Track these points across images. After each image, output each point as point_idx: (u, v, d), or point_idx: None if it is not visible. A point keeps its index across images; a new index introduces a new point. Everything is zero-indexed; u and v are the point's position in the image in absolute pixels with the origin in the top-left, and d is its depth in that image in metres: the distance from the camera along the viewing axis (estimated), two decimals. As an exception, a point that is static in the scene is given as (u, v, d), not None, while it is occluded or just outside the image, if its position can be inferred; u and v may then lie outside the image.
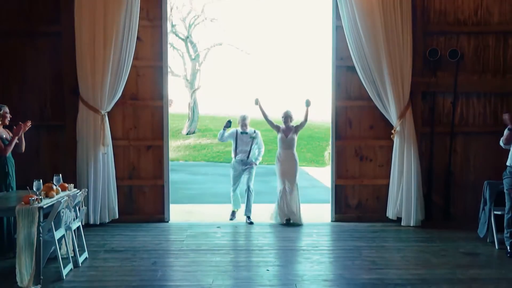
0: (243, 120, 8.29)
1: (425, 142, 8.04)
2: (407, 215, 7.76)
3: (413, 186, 7.70)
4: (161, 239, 7.07)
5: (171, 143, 25.22)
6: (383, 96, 7.75)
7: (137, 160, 8.02)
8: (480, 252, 6.42)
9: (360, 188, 8.13)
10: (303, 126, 8.17)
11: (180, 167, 19.42)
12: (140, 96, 7.97)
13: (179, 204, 10.27)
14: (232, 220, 8.19)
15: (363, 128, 8.10)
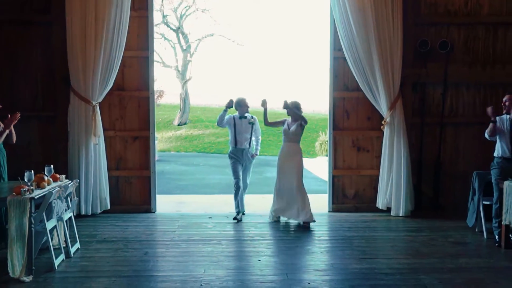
0: (242, 101, 7.53)
1: (415, 132, 8.07)
2: (396, 205, 7.80)
3: (403, 177, 7.73)
4: (153, 229, 7.07)
5: (163, 134, 25.20)
6: (373, 87, 7.76)
7: (124, 151, 7.99)
8: (469, 242, 6.48)
9: (357, 178, 8.16)
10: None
11: (171, 158, 19.39)
12: (127, 87, 7.92)
13: (170, 194, 10.28)
14: (237, 220, 7.43)
15: (360, 119, 8.11)
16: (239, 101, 7.54)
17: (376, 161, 8.08)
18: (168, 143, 23.82)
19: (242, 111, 7.59)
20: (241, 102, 7.54)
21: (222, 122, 7.57)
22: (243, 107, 7.56)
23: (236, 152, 7.56)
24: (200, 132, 25.61)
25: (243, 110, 7.58)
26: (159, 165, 15.52)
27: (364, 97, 7.89)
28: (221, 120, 7.56)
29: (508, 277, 5.16)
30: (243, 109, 7.57)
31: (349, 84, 8.07)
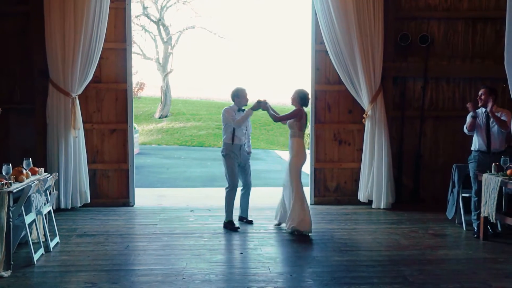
0: (242, 92, 6.76)
1: (395, 126, 8.13)
2: (377, 198, 7.86)
3: (384, 169, 7.79)
4: (134, 223, 7.03)
5: (144, 127, 25.03)
6: (355, 80, 7.78)
7: (101, 144, 7.91)
8: (448, 233, 6.57)
9: (338, 171, 8.19)
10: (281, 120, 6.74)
11: (152, 151, 19.30)
12: (104, 79, 7.82)
13: (151, 188, 10.23)
14: (238, 229, 6.64)
15: (342, 112, 8.13)
16: (238, 92, 6.76)
17: (358, 154, 8.13)
18: (149, 136, 23.67)
19: (241, 103, 6.77)
20: (240, 93, 6.76)
21: (241, 124, 6.66)
22: (242, 98, 6.76)
23: (233, 149, 6.68)
24: (181, 125, 25.49)
25: (242, 101, 6.77)
26: (140, 158, 15.51)
27: (346, 91, 7.92)
28: (243, 122, 6.66)
29: (486, 268, 5.24)
30: (242, 101, 6.76)
31: (330, 78, 8.08)
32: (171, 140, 22.84)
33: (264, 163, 16.01)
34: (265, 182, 10.78)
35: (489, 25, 8.15)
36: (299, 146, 6.46)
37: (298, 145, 6.46)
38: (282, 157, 18.23)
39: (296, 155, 6.44)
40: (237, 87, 6.79)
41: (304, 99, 6.55)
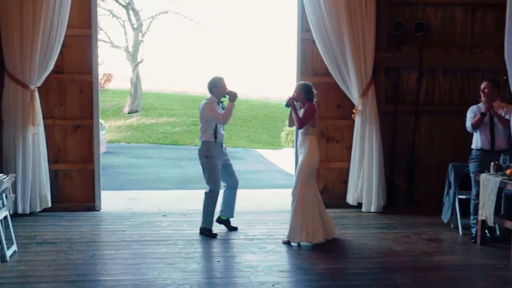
0: (220, 81, 6.66)
1: (388, 121, 8.23)
2: (368, 200, 7.95)
3: (375, 169, 7.88)
4: (100, 229, 7.02)
5: (111, 123, 24.87)
6: (344, 72, 7.85)
7: (64, 141, 7.87)
8: (443, 238, 6.69)
9: (326, 171, 8.25)
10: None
11: (121, 149, 19.17)
12: (66, 69, 7.78)
13: (120, 190, 10.19)
14: (216, 236, 6.65)
15: (330, 107, 8.19)
16: (216, 81, 6.63)
17: (347, 152, 8.21)
18: (118, 133, 23.53)
19: (220, 94, 6.65)
20: (218, 82, 6.62)
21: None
22: (222, 88, 6.62)
23: (216, 148, 6.58)
24: (153, 121, 25.38)
25: (221, 92, 6.64)
26: (107, 158, 15.42)
27: (334, 83, 7.98)
28: (230, 117, 6.59)
29: (483, 275, 5.36)
30: (221, 91, 6.64)
31: (318, 69, 8.14)
32: (141, 138, 22.72)
33: (244, 163, 16.04)
34: (246, 184, 10.79)
35: (490, 12, 8.28)
36: (312, 144, 6.32)
37: (312, 144, 6.32)
38: (264, 156, 18.28)
39: (308, 156, 6.30)
40: (215, 77, 6.71)
41: (311, 93, 6.40)
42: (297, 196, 6.29)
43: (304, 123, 6.29)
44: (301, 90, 6.40)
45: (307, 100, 6.37)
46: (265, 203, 8.77)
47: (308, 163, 6.30)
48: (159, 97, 31.37)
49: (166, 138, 22.64)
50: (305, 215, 6.24)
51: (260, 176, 13.08)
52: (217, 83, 6.66)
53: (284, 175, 13.04)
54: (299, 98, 6.41)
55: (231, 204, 6.94)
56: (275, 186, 11.20)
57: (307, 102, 6.36)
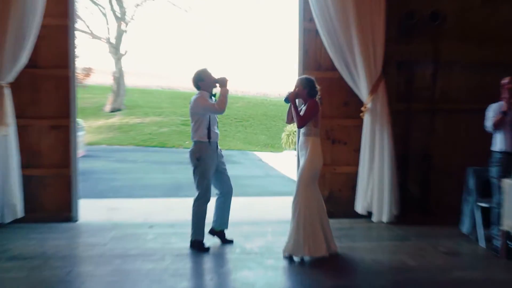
0: (204, 73, 6.66)
1: (400, 121, 8.23)
2: (378, 209, 7.95)
3: (386, 174, 7.88)
4: (78, 242, 7.00)
5: (91, 123, 24.86)
6: (351, 66, 7.85)
7: (38, 144, 7.86)
8: (463, 251, 6.68)
9: (331, 176, 8.26)
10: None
11: (102, 152, 19.18)
12: (41, 63, 7.77)
13: (101, 198, 10.18)
14: (208, 250, 6.63)
15: (336, 105, 8.20)
16: (200, 74, 6.62)
17: (355, 155, 8.20)
18: (98, 134, 23.52)
19: (210, 87, 6.63)
20: (204, 75, 6.62)
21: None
22: (209, 79, 6.61)
23: (211, 150, 6.58)
24: (138, 121, 25.39)
25: (210, 84, 6.62)
26: (86, 162, 15.39)
27: (340, 78, 7.98)
28: (226, 103, 6.53)
29: (508, 293, 5.36)
30: (210, 83, 6.62)
31: (322, 62, 8.14)
32: (125, 140, 22.73)
33: (240, 167, 16.05)
34: (243, 191, 10.79)
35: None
36: (315, 146, 6.30)
37: (314, 146, 6.29)
38: (263, 159, 18.29)
39: (310, 159, 6.26)
40: (197, 71, 6.66)
41: (314, 88, 6.37)
42: (298, 204, 6.24)
43: (305, 122, 6.28)
44: (304, 85, 6.37)
45: (310, 97, 6.36)
46: (264, 212, 8.78)
47: (310, 167, 6.25)
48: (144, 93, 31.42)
49: (153, 139, 22.66)
50: (308, 226, 6.21)
51: (258, 182, 13.08)
52: (201, 76, 6.63)
53: (285, 180, 13.05)
54: (301, 94, 6.39)
55: (225, 214, 6.90)
56: (275, 193, 11.20)
57: (309, 99, 6.35)
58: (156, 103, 28.76)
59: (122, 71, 27.57)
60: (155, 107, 27.64)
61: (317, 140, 6.34)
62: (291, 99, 6.36)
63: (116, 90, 27.25)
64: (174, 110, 26.92)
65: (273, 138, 23.15)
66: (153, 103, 28.58)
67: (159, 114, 26.33)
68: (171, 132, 23.59)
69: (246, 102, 29.36)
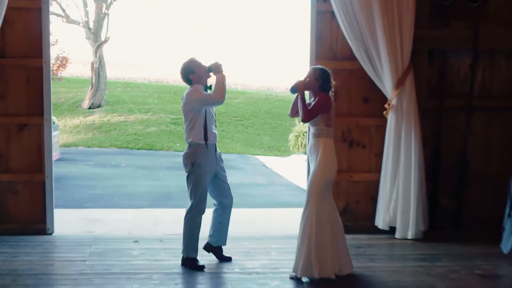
0: (193, 63, 6.65)
1: (431, 120, 8.22)
2: (403, 224, 7.92)
3: (413, 183, 7.86)
4: (53, 258, 7.02)
5: (67, 121, 24.89)
6: (373, 55, 7.84)
7: (5, 145, 7.87)
8: (503, 274, 6.69)
9: (348, 185, 8.24)
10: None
11: (79, 155, 19.21)
12: (9, 52, 7.78)
13: (78, 208, 10.19)
14: (203, 268, 6.65)
15: (354, 101, 8.19)
16: (189, 66, 6.61)
17: (376, 160, 8.20)
18: (75, 135, 23.55)
19: (202, 78, 6.64)
20: (193, 65, 6.62)
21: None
22: (200, 69, 6.60)
23: (208, 153, 6.58)
24: (121, 119, 25.41)
25: (202, 75, 6.63)
26: (61, 166, 15.40)
27: (360, 70, 7.97)
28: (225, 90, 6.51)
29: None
30: (202, 75, 6.62)
31: (338, 51, 8.13)
32: (106, 141, 22.75)
33: (241, 174, 16.04)
34: (244, 202, 10.76)
35: None
36: (327, 149, 6.28)
37: (327, 149, 6.27)
38: (267, 165, 18.28)
39: (322, 164, 6.24)
40: (185, 61, 6.65)
41: (328, 81, 6.35)
42: (309, 217, 6.22)
43: (311, 116, 6.27)
44: (318, 76, 6.35)
45: (321, 91, 6.34)
46: (268, 226, 8.81)
47: (322, 174, 6.24)
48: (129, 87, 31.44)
49: (138, 141, 22.67)
50: (319, 243, 6.20)
51: (261, 191, 13.07)
52: (190, 67, 6.63)
53: (293, 189, 13.04)
54: (312, 85, 6.39)
55: (224, 228, 6.90)
56: (281, 204, 11.20)
57: (320, 93, 6.34)
58: (143, 98, 28.77)
59: (103, 61, 27.58)
60: (141, 103, 27.64)
61: (329, 141, 6.33)
62: (299, 89, 6.34)
63: (96, 83, 27.25)
64: (163, 107, 26.93)
65: (279, 139, 23.15)
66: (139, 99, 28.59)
67: (146, 111, 26.33)
68: (160, 132, 23.60)
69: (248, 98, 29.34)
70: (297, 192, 12.35)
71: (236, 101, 28.24)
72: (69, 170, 15.45)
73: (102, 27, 27.72)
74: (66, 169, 15.55)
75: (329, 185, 6.34)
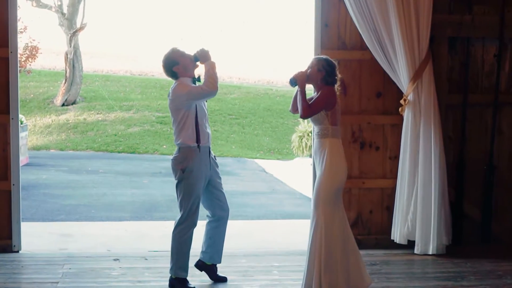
0: (176, 53, 6.63)
1: (453, 118, 8.24)
2: (424, 238, 7.93)
3: (434, 190, 7.86)
4: (21, 279, 7.01)
5: (37, 121, 24.84)
6: (387, 44, 7.85)
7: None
8: (538, 295, 6.68)
9: (359, 193, 8.26)
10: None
11: (51, 160, 19.18)
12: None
13: (49, 222, 10.19)
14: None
15: (366, 96, 8.21)
16: (171, 57, 6.59)
17: (391, 164, 8.23)
18: (46, 136, 23.52)
19: (187, 69, 6.62)
20: (176, 56, 6.60)
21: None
22: (184, 60, 6.59)
23: (201, 158, 6.55)
24: (99, 118, 25.38)
25: (188, 66, 6.60)
26: (30, 172, 15.40)
27: (372, 60, 8.00)
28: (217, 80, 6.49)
29: None
30: (187, 65, 6.60)
31: (347, 39, 8.15)
32: (82, 143, 22.72)
33: (238, 180, 16.03)
34: (241, 213, 10.88)
35: None
36: (334, 152, 6.26)
37: (333, 151, 6.26)
38: (267, 170, 18.27)
39: (329, 169, 6.22)
40: (166, 53, 6.63)
41: (334, 74, 6.33)
42: (316, 230, 6.19)
43: (311, 112, 6.23)
44: (321, 67, 6.33)
45: (325, 84, 6.33)
46: (269, 241, 8.81)
47: (329, 181, 6.22)
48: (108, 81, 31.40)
49: (119, 143, 22.65)
50: (329, 259, 6.17)
51: (260, 200, 13.06)
52: (173, 58, 6.59)
53: (297, 198, 13.04)
54: (315, 77, 6.34)
55: (218, 243, 6.88)
56: (284, 215, 11.21)
57: (323, 86, 6.32)
58: (124, 93, 28.74)
59: (79, 51, 27.55)
60: (122, 99, 27.61)
61: (336, 142, 6.30)
62: (300, 81, 6.31)
63: (70, 77, 27.21)
64: (147, 103, 26.89)
65: (280, 141, 23.14)
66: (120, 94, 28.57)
67: (128, 109, 26.30)
68: (144, 133, 23.57)
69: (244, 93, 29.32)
70: (301, 201, 12.34)
71: (231, 97, 28.23)
72: (39, 177, 15.42)
73: (78, 12, 27.67)
74: (36, 176, 15.52)
75: (339, 192, 6.31)
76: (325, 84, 6.31)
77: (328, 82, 6.31)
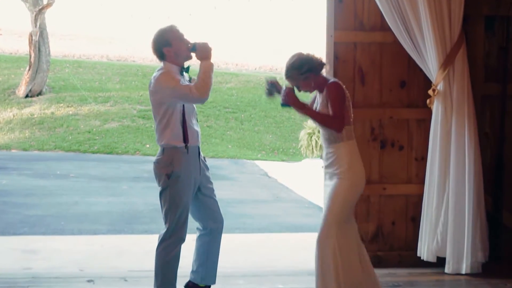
0: (174, 33, 6.56)
1: (491, 112, 8.27)
2: (456, 254, 7.95)
3: (468, 198, 7.89)
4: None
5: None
6: (412, 24, 7.87)
7: None
8: None
9: (380, 201, 8.29)
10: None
11: (12, 162, 19.22)
12: None
13: (10, 236, 10.22)
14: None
15: (387, 85, 8.24)
16: (164, 35, 6.52)
17: (418, 167, 8.26)
18: (7, 134, 23.56)
19: (180, 55, 6.57)
20: (170, 36, 6.52)
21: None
22: (178, 43, 6.53)
23: (188, 159, 6.54)
24: (70, 111, 25.41)
25: (180, 50, 6.54)
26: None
27: (395, 43, 8.03)
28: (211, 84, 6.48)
29: None
30: (180, 49, 6.53)
31: (365, 18, 8.17)
32: (49, 141, 22.75)
33: (235, 186, 16.07)
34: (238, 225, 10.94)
35: None
36: (352, 156, 6.33)
37: (349, 156, 6.32)
38: (270, 173, 18.30)
39: (344, 178, 6.27)
40: (162, 28, 6.56)
41: (312, 60, 6.35)
42: (325, 246, 6.28)
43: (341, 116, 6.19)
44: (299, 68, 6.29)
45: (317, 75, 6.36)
46: (271, 258, 8.86)
47: (349, 192, 6.28)
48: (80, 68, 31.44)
49: (94, 141, 22.66)
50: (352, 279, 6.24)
51: (262, 209, 13.10)
52: (167, 38, 6.52)
53: (305, 207, 13.08)
54: (304, 83, 6.36)
55: (211, 261, 6.90)
56: (290, 227, 11.23)
57: (325, 83, 6.34)
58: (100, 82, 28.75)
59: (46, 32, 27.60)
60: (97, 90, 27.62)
61: (352, 145, 6.36)
62: (289, 99, 6.25)
63: (35, 63, 27.25)
64: (127, 94, 26.89)
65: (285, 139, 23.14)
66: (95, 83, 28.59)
67: (105, 101, 26.30)
68: (123, 130, 23.57)
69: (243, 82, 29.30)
70: (311, 211, 12.38)
71: (228, 86, 28.23)
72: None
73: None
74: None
75: (353, 203, 6.37)
76: (316, 75, 6.33)
77: (317, 71, 6.35)
